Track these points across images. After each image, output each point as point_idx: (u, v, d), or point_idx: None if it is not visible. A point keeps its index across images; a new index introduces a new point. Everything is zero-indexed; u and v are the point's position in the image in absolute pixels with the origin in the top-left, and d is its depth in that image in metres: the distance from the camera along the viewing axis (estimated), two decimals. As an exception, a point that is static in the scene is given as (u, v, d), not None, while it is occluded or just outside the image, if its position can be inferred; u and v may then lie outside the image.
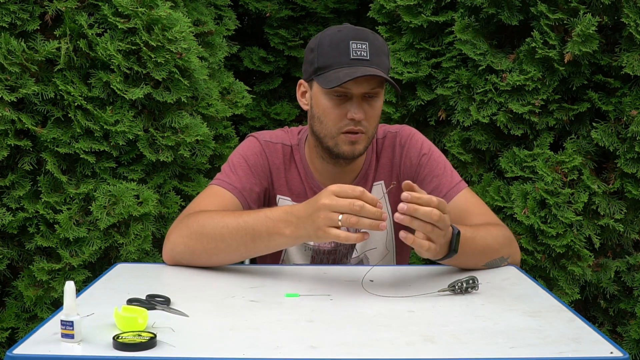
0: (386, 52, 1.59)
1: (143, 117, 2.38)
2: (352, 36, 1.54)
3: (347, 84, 1.52)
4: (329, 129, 1.59)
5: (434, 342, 1.09)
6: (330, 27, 1.62)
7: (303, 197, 1.72)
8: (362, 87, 1.54)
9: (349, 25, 1.61)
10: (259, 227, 1.41)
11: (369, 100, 1.57)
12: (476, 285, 1.34)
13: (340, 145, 1.59)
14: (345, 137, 1.58)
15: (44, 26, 2.28)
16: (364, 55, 1.53)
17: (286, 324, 1.17)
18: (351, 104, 1.55)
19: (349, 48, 1.52)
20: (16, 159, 2.29)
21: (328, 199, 1.29)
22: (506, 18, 2.61)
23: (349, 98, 1.56)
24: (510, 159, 2.63)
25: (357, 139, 1.58)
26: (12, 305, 2.32)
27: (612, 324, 2.65)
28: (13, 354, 1.00)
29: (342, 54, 1.53)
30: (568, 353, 1.04)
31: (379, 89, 1.57)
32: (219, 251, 1.47)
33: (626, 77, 2.51)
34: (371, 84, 1.54)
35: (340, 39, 1.54)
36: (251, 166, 1.68)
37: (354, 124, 1.56)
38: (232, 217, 1.47)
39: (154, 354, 1.02)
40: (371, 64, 1.53)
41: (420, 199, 1.27)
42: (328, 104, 1.57)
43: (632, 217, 2.55)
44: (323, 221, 1.29)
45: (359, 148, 1.60)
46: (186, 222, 1.52)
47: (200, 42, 2.76)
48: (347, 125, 1.56)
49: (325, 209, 1.29)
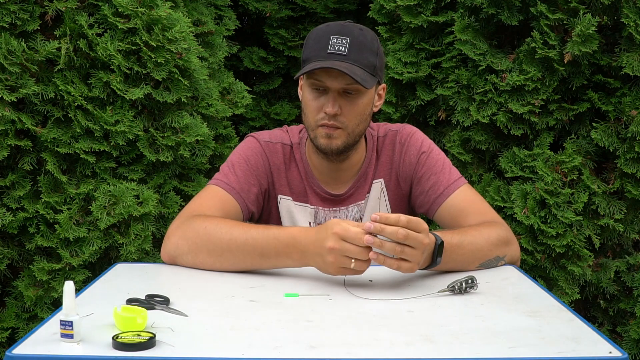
0: (373, 49, 1.59)
1: (143, 117, 2.39)
2: (335, 31, 1.57)
3: (322, 77, 1.55)
4: (309, 121, 1.63)
5: (433, 342, 1.09)
6: (325, 23, 1.64)
7: (303, 196, 1.73)
8: (336, 82, 1.56)
9: (340, 22, 1.62)
10: (267, 247, 1.43)
11: (347, 96, 1.59)
12: (475, 285, 1.34)
13: (318, 138, 1.62)
14: (322, 130, 1.61)
15: (44, 26, 2.28)
16: (341, 50, 1.54)
17: (285, 323, 1.17)
18: (326, 97, 1.58)
19: (328, 42, 1.55)
20: (16, 159, 2.29)
21: (337, 244, 1.31)
22: (506, 18, 2.61)
23: (326, 92, 1.58)
24: (510, 159, 2.63)
25: (333, 133, 1.60)
26: (12, 305, 2.32)
27: (612, 323, 2.65)
28: (13, 354, 1.00)
29: (321, 48, 1.56)
30: (567, 353, 1.04)
31: (357, 86, 1.57)
32: (223, 260, 1.47)
33: (626, 77, 2.51)
34: (347, 79, 1.55)
35: (323, 34, 1.58)
36: (251, 166, 1.69)
37: (328, 118, 1.58)
38: (240, 229, 1.47)
39: (153, 353, 1.02)
40: (347, 59, 1.54)
41: (388, 219, 1.29)
42: (308, 96, 1.61)
43: (632, 217, 2.55)
44: (334, 264, 1.33)
45: (336, 143, 1.61)
46: (191, 225, 1.51)
47: (200, 42, 2.77)
48: (323, 119, 1.60)
49: (335, 253, 1.32)
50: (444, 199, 1.67)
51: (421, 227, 1.31)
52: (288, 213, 1.73)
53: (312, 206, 1.73)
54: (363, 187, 1.74)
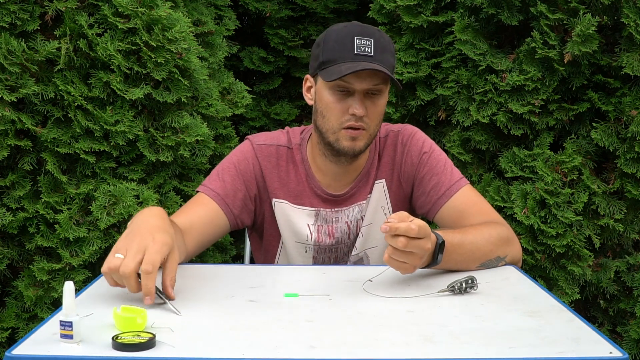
0: (391, 50, 1.59)
1: (143, 117, 2.38)
2: (358, 32, 1.55)
3: (350, 79, 1.53)
4: (331, 124, 1.60)
5: (433, 342, 1.09)
6: (338, 24, 1.62)
7: (302, 198, 1.72)
8: (364, 83, 1.54)
9: (356, 22, 1.61)
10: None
11: (371, 97, 1.58)
12: (475, 285, 1.34)
13: (341, 141, 1.60)
14: (346, 132, 1.58)
15: (44, 26, 2.28)
16: (367, 51, 1.53)
17: (285, 324, 1.17)
18: (353, 99, 1.56)
19: (353, 43, 1.53)
20: (16, 159, 2.29)
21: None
22: (506, 18, 2.61)
23: (351, 94, 1.56)
24: (510, 159, 2.63)
25: (358, 135, 1.59)
26: (12, 305, 2.32)
27: (612, 323, 2.65)
28: (12, 354, 1.00)
29: (346, 49, 1.54)
30: (567, 353, 1.04)
31: (382, 86, 1.57)
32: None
33: (626, 77, 2.51)
34: (374, 80, 1.54)
35: (345, 35, 1.55)
36: (240, 171, 1.70)
37: (355, 119, 1.57)
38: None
39: (153, 354, 1.02)
40: (374, 60, 1.53)
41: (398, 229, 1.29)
42: (331, 98, 1.58)
43: (632, 217, 2.55)
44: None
45: (359, 145, 1.60)
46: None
47: (200, 42, 2.76)
48: (349, 121, 1.57)
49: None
50: (445, 200, 1.67)
51: (425, 233, 1.31)
52: (285, 216, 1.73)
53: (313, 208, 1.73)
54: (365, 188, 1.74)
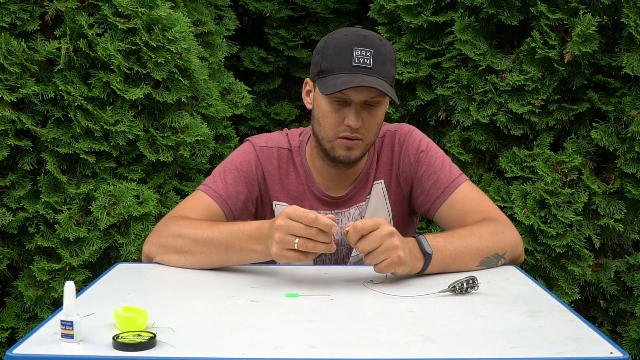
0: (392, 60, 1.57)
1: (143, 117, 2.38)
2: (358, 42, 1.53)
3: (346, 91, 1.52)
4: (326, 132, 1.59)
5: (434, 342, 1.09)
6: (339, 30, 1.60)
7: (302, 200, 1.72)
8: (361, 95, 1.53)
9: (357, 29, 1.58)
10: (232, 240, 1.45)
11: (369, 108, 1.56)
12: (476, 285, 1.34)
13: (336, 150, 1.59)
14: (341, 142, 1.58)
15: (44, 26, 2.28)
16: (366, 62, 1.51)
17: (286, 324, 1.17)
18: (349, 110, 1.55)
19: (352, 54, 1.51)
20: (16, 159, 2.29)
21: (283, 221, 1.33)
22: (506, 18, 2.61)
23: (348, 104, 1.55)
24: (510, 159, 2.63)
25: (354, 145, 1.58)
26: (12, 305, 2.32)
27: (612, 324, 2.65)
28: (13, 354, 1.00)
29: (344, 60, 1.52)
30: (568, 353, 1.04)
31: (380, 98, 1.56)
32: (190, 257, 1.50)
33: (626, 77, 2.51)
34: (371, 92, 1.53)
35: (345, 45, 1.53)
36: (242, 173, 1.69)
37: (351, 130, 1.56)
38: (207, 226, 1.51)
39: (154, 353, 1.02)
40: (373, 72, 1.51)
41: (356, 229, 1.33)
42: (327, 107, 1.57)
43: (632, 217, 2.55)
44: (279, 243, 1.34)
45: (355, 154, 1.60)
46: (166, 226, 1.57)
47: (200, 42, 2.76)
48: (344, 131, 1.57)
49: (281, 231, 1.33)
50: (445, 197, 1.66)
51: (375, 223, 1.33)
52: None
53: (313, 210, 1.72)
54: (364, 189, 1.73)
